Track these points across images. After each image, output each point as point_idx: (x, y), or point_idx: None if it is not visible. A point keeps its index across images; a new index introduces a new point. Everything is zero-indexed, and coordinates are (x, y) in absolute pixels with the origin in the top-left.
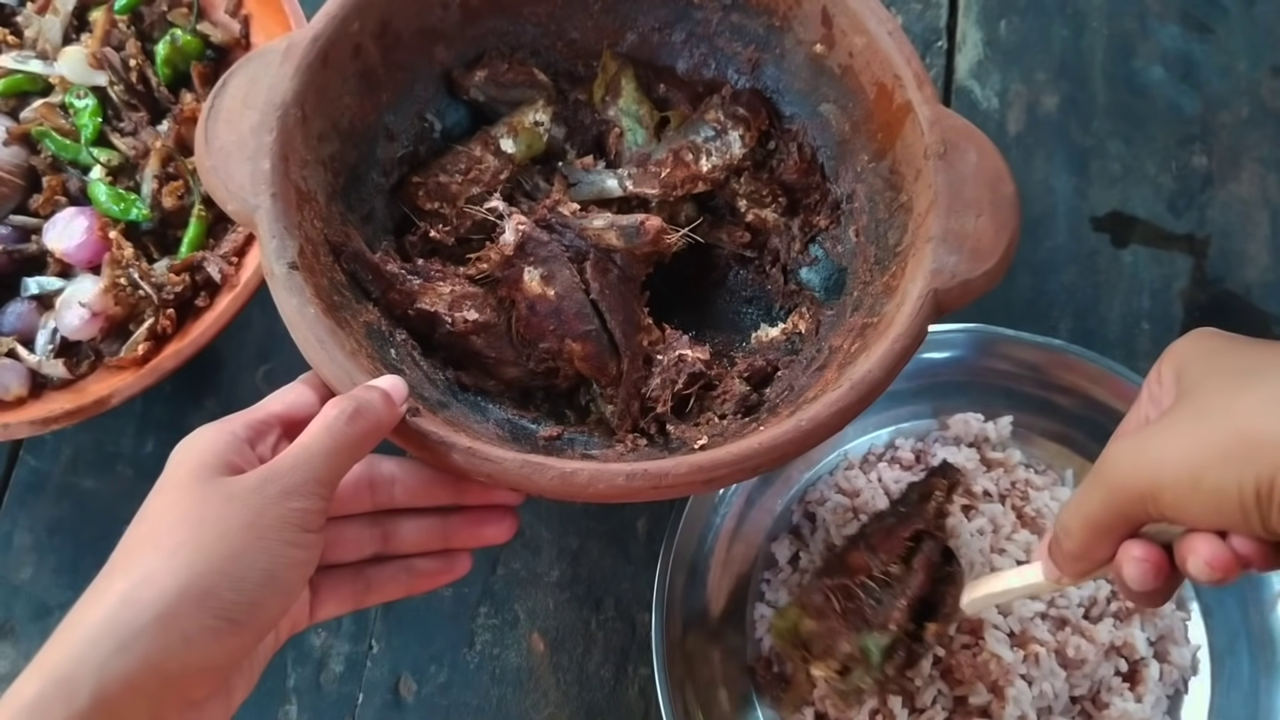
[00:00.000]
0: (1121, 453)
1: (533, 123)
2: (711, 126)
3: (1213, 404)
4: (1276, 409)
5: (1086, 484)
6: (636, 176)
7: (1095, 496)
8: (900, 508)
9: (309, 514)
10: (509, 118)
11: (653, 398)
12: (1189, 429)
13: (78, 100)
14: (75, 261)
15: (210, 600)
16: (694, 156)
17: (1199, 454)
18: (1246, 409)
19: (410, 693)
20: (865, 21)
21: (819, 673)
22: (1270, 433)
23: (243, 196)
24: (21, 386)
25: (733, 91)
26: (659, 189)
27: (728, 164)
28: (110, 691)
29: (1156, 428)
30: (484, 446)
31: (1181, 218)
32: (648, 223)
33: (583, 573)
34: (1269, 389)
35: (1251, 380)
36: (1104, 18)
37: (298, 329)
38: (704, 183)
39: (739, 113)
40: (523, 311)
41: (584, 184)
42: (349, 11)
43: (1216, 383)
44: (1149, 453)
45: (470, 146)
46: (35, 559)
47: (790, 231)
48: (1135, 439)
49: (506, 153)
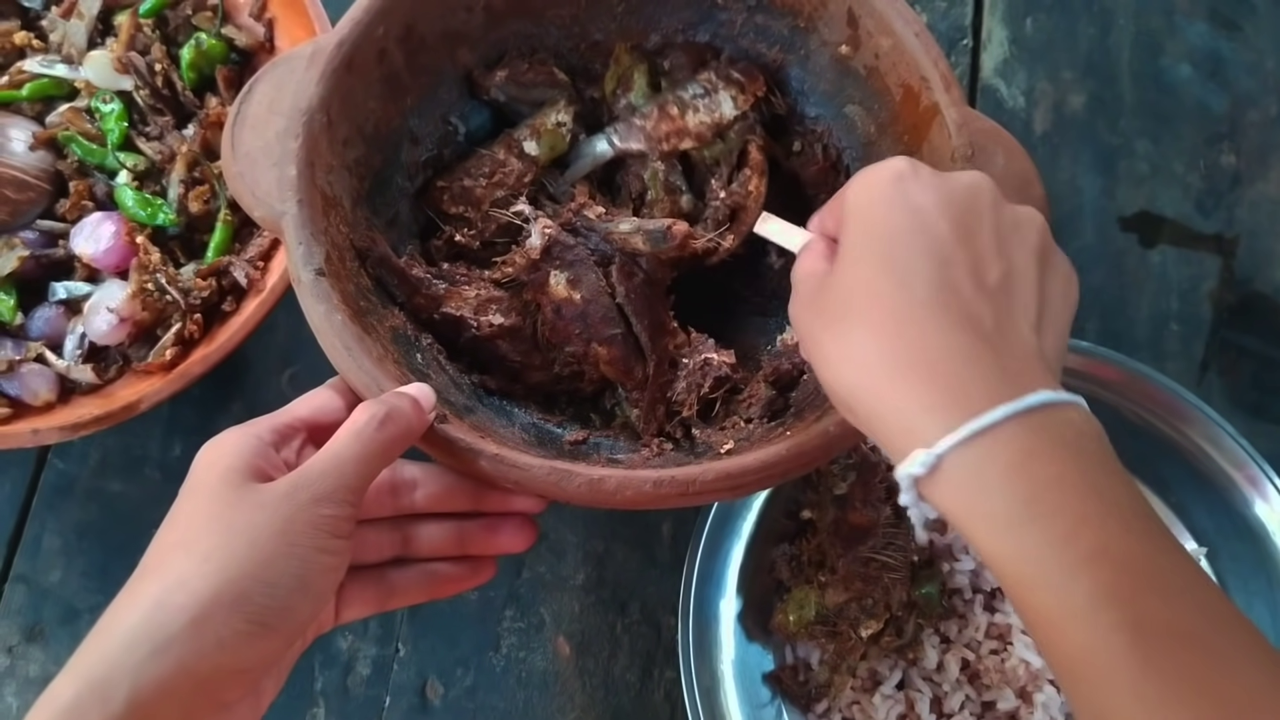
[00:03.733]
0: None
1: (555, 124)
2: (702, 85)
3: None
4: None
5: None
6: (622, 132)
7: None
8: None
9: (339, 520)
10: (531, 120)
11: (678, 401)
12: (815, 312)
13: (103, 105)
14: (102, 266)
15: (243, 605)
16: (679, 110)
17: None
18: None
19: (437, 696)
20: (891, 22)
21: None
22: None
23: (269, 203)
24: (50, 392)
25: (729, 57)
26: (645, 142)
27: (716, 121)
28: (145, 694)
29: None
30: (511, 453)
31: (1210, 217)
32: (674, 227)
33: (608, 576)
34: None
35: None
36: (1131, 15)
37: (324, 335)
38: (690, 137)
39: (733, 75)
40: (548, 315)
41: (578, 157)
42: (374, 16)
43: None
44: (798, 305)
45: (494, 150)
46: (64, 562)
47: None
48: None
49: (530, 155)
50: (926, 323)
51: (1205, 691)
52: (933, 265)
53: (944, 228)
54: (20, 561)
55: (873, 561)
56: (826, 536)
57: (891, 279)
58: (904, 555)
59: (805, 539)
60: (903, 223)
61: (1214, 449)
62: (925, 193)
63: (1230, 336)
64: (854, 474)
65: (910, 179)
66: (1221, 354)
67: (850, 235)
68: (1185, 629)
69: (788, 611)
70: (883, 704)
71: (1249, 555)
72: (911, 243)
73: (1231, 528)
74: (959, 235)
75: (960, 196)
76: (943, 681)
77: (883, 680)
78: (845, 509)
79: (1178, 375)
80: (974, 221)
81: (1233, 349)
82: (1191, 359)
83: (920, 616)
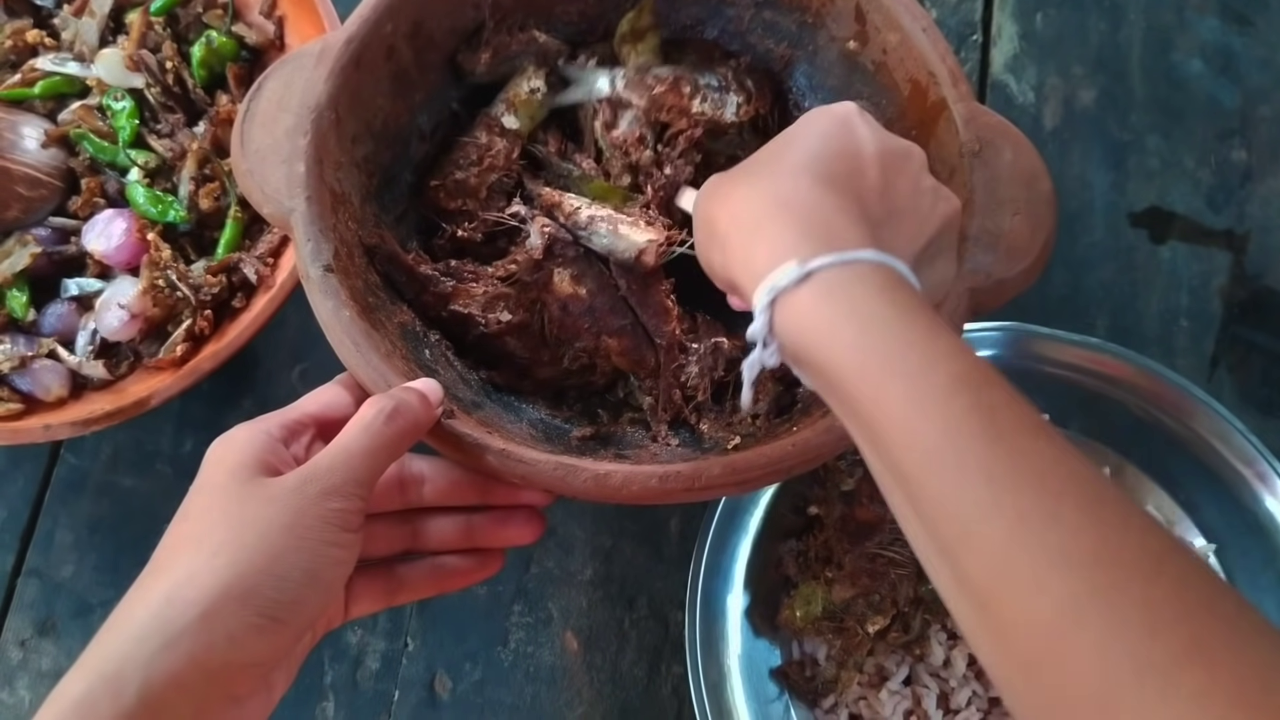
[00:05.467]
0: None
1: (529, 91)
2: (717, 77)
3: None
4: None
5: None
6: (631, 81)
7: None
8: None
9: (348, 514)
10: (504, 94)
11: (692, 386)
12: (714, 187)
13: (115, 102)
14: (114, 263)
15: (253, 599)
16: (690, 90)
17: (705, 207)
18: (739, 198)
19: (445, 690)
20: (899, 18)
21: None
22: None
23: (278, 199)
24: (62, 387)
25: (749, 64)
26: (646, 101)
27: (715, 119)
28: (156, 688)
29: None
30: (518, 449)
31: (1220, 213)
32: (644, 256)
33: (615, 571)
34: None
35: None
36: (1142, 10)
37: (333, 331)
38: (686, 120)
39: (746, 83)
40: (555, 312)
41: (576, 84)
42: (382, 14)
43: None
44: (704, 190)
45: (475, 135)
46: (76, 557)
47: None
48: (714, 176)
49: (511, 129)
50: (822, 187)
51: (1054, 472)
52: (845, 161)
53: (869, 150)
54: (33, 556)
55: (880, 557)
56: (833, 532)
57: (803, 152)
58: (911, 551)
59: (812, 535)
60: (833, 129)
61: (1223, 445)
62: (867, 126)
63: (1240, 332)
64: (861, 470)
65: (857, 114)
66: (1231, 350)
67: (780, 135)
68: (1032, 420)
69: (795, 607)
70: (889, 699)
71: (1258, 551)
72: (833, 142)
73: (1241, 524)
74: (880, 162)
75: (896, 144)
76: (949, 677)
77: (889, 676)
78: (852, 505)
79: (1187, 371)
80: (897, 164)
81: (1243, 345)
82: (1201, 355)
83: (927, 612)
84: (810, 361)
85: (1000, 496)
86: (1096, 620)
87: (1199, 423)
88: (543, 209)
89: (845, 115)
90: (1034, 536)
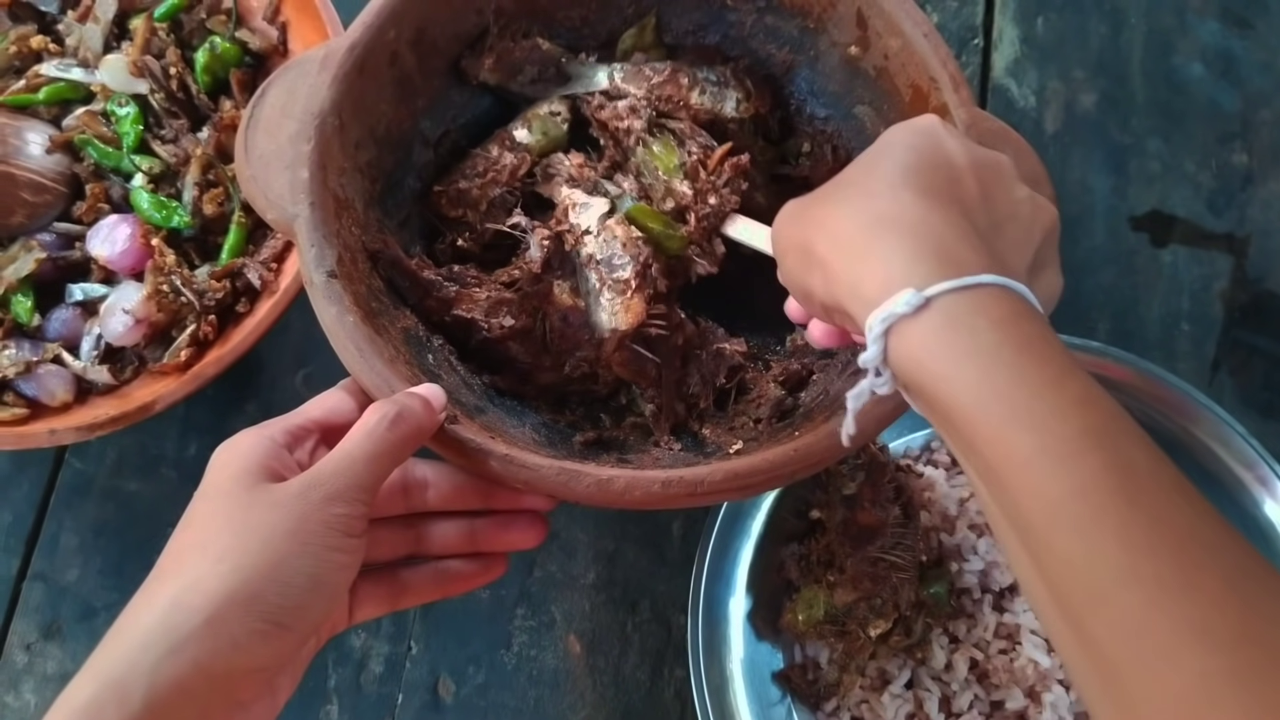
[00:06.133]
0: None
1: (549, 112)
2: (717, 74)
3: (833, 196)
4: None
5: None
6: (628, 73)
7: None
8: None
9: (351, 519)
10: (525, 111)
11: (694, 394)
12: (799, 210)
13: (119, 108)
14: (118, 268)
15: (257, 604)
16: (689, 83)
17: (792, 233)
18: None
19: (449, 693)
20: (900, 23)
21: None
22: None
23: (282, 205)
24: (67, 392)
25: (748, 65)
26: (644, 91)
27: (714, 112)
28: (162, 694)
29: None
30: (521, 454)
31: (1221, 216)
32: (607, 340)
33: (618, 575)
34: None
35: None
36: (1142, 14)
37: (337, 337)
38: (685, 112)
39: (745, 82)
40: (555, 323)
41: (576, 78)
42: (385, 20)
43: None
44: (779, 214)
45: (487, 148)
46: (81, 561)
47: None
48: (795, 199)
49: (523, 144)
50: (926, 200)
51: (1196, 538)
52: (940, 172)
53: (961, 160)
54: (38, 560)
55: (881, 561)
56: (835, 536)
57: (894, 166)
58: (912, 555)
59: (814, 539)
60: (919, 142)
61: (1224, 449)
62: (953, 137)
63: (1242, 336)
64: (863, 474)
65: (940, 125)
66: (1233, 354)
67: (862, 155)
68: (1173, 480)
69: (797, 611)
70: (891, 703)
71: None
72: (923, 155)
73: (1241, 528)
74: (975, 172)
75: (985, 154)
76: (951, 681)
77: (891, 680)
78: (854, 509)
79: (1189, 375)
80: (991, 173)
81: (1244, 349)
82: (1203, 359)
83: (929, 616)
84: (928, 395)
85: (1138, 562)
86: (1232, 703)
87: (1200, 426)
88: (555, 217)
89: (929, 126)
90: (1172, 607)
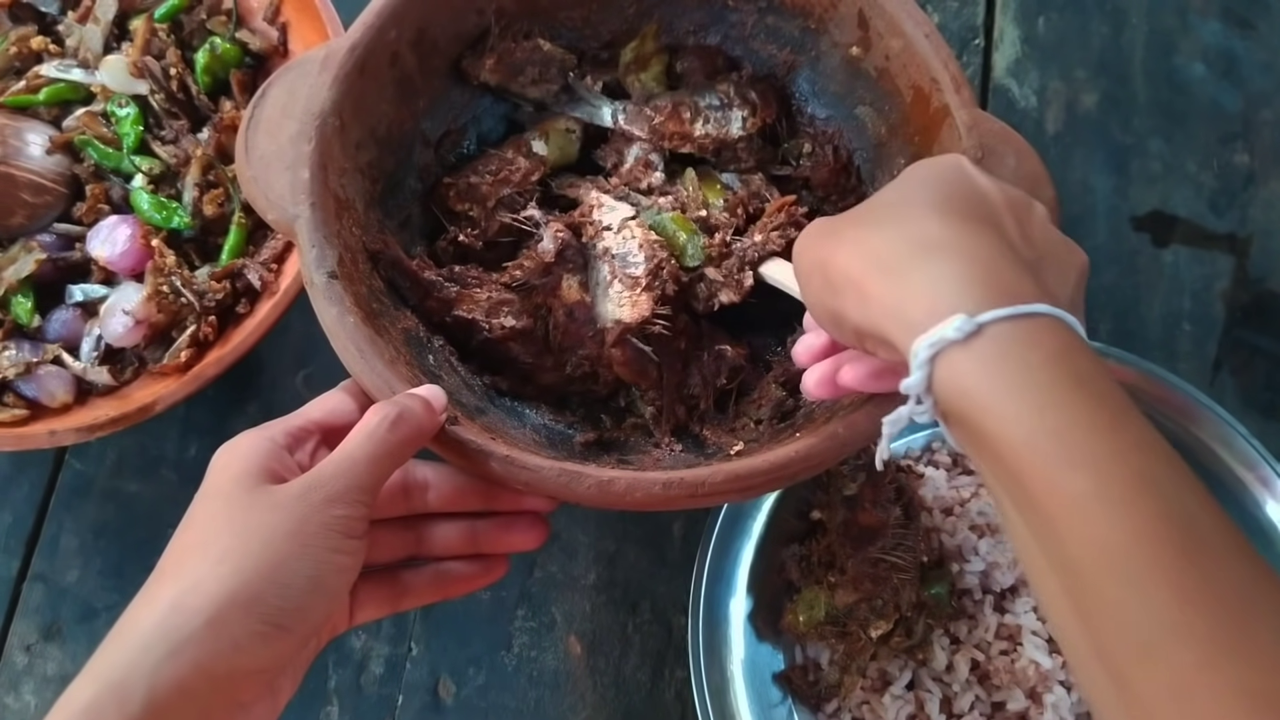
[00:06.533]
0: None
1: (565, 128)
2: (719, 96)
3: (868, 218)
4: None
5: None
6: (631, 113)
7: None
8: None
9: (352, 521)
10: (541, 123)
11: (694, 395)
12: (826, 231)
13: (119, 109)
14: (119, 269)
15: (258, 606)
16: (690, 115)
17: (819, 255)
18: (870, 250)
19: (449, 694)
20: (902, 24)
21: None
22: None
23: (282, 206)
24: (67, 393)
25: (751, 75)
26: (647, 132)
27: (720, 137)
28: (162, 695)
29: (836, 218)
30: (522, 455)
31: (1223, 217)
32: (609, 331)
33: (619, 576)
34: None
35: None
36: (1144, 14)
37: (337, 338)
38: (691, 144)
39: (750, 95)
40: (560, 319)
41: (583, 102)
42: (386, 20)
43: (890, 199)
44: (800, 236)
45: (503, 150)
46: (81, 562)
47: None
48: (818, 220)
49: (538, 154)
50: (973, 225)
51: (1253, 597)
52: (978, 204)
53: (995, 196)
54: (38, 561)
55: (882, 562)
56: (836, 537)
57: (933, 193)
58: (913, 556)
59: (815, 539)
60: (951, 175)
61: (1225, 450)
62: (983, 175)
63: (1243, 336)
64: (863, 475)
65: (969, 163)
66: (1234, 354)
67: (887, 186)
68: (1231, 534)
69: (797, 612)
70: (892, 704)
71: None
72: (958, 186)
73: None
74: (1010, 209)
75: (1017, 193)
76: (952, 682)
77: (892, 681)
78: (855, 510)
79: (1190, 375)
80: (1024, 211)
81: (1246, 349)
82: (1204, 359)
83: (930, 617)
84: (972, 426)
85: (1192, 618)
86: None
87: (1201, 427)
88: (579, 211)
89: (957, 162)
90: (1225, 667)
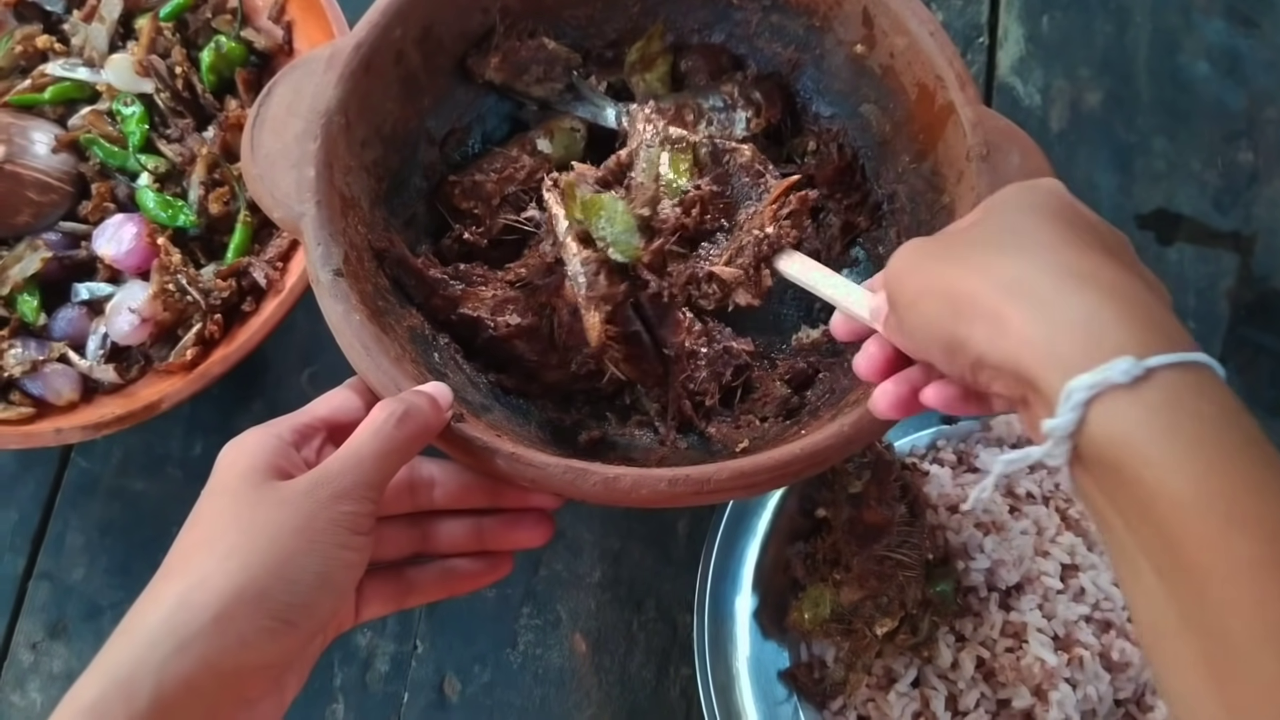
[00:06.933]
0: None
1: (570, 127)
2: (722, 98)
3: (978, 239)
4: (1028, 295)
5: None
6: (634, 117)
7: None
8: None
9: (359, 517)
10: (545, 122)
11: (700, 391)
12: (937, 253)
13: (125, 107)
14: (124, 267)
15: (265, 602)
16: (694, 117)
17: (931, 280)
18: (998, 272)
19: (455, 692)
20: (906, 22)
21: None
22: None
23: (288, 204)
24: (73, 391)
25: (756, 75)
26: (650, 135)
27: (725, 139)
28: (169, 692)
29: (932, 239)
30: (527, 452)
31: (1227, 215)
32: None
33: (624, 574)
34: (1042, 274)
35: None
36: (1148, 12)
37: (343, 335)
38: (693, 150)
39: (754, 96)
40: (564, 317)
41: (587, 102)
42: (391, 19)
43: (1000, 223)
44: (899, 256)
45: (508, 148)
46: (87, 560)
47: (830, 232)
48: (917, 240)
49: (543, 152)
50: (1115, 261)
51: None
52: (1102, 235)
53: (1107, 229)
54: (44, 559)
55: (887, 559)
56: (841, 535)
57: (1058, 220)
58: (918, 553)
59: (820, 537)
60: (1069, 204)
61: None
62: (1081, 202)
63: (1248, 334)
64: (869, 473)
65: (1065, 188)
66: (1239, 352)
67: (982, 206)
68: None
69: (803, 609)
70: (898, 702)
71: None
72: (1078, 214)
73: None
74: (1127, 244)
75: (1107, 224)
76: (958, 679)
77: (898, 678)
78: (860, 507)
79: None
80: (1124, 242)
81: (1250, 346)
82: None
83: (935, 614)
84: (1126, 477)
85: None
86: None
87: None
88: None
89: (1062, 189)
90: None
